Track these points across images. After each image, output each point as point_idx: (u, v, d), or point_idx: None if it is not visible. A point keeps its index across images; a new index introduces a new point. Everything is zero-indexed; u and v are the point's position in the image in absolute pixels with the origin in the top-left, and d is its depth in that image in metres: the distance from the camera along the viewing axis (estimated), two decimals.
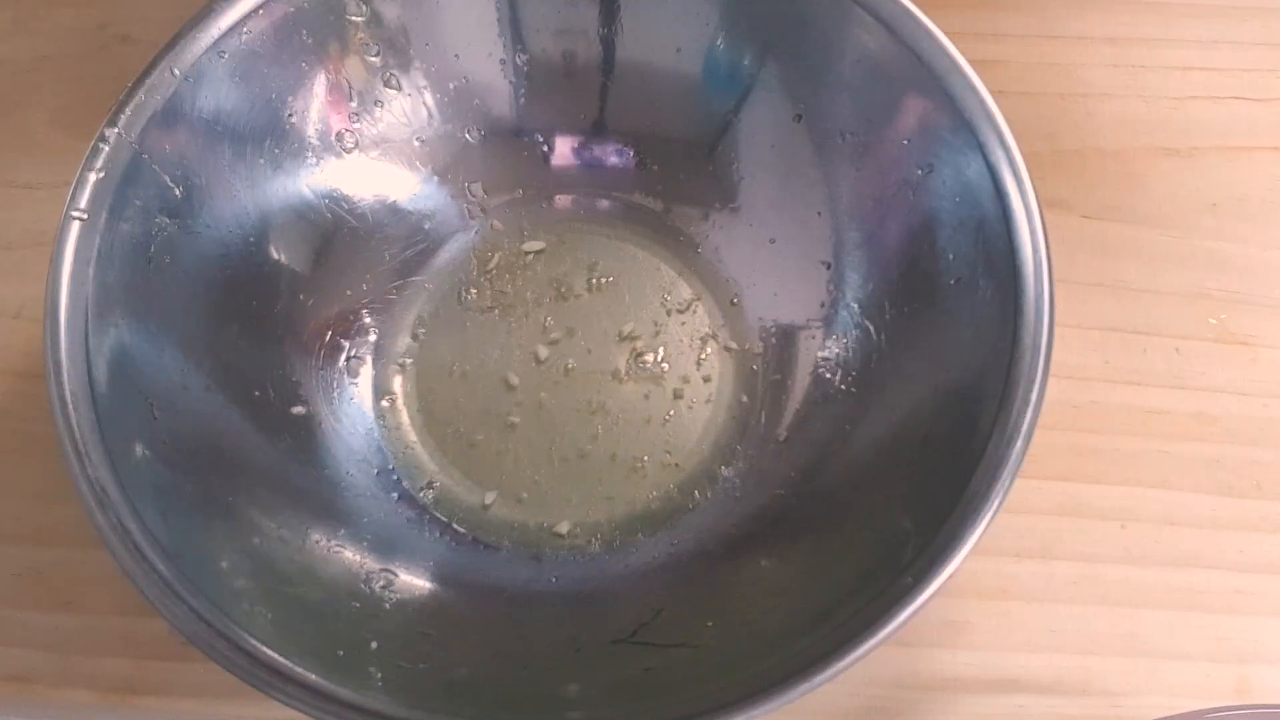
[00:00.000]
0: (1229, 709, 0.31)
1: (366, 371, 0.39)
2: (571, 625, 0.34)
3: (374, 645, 0.31)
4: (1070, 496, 0.38)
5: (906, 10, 0.34)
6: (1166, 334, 0.40)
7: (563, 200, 0.42)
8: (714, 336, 0.40)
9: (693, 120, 0.40)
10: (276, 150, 0.37)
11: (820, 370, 0.38)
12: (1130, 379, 0.39)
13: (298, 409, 0.37)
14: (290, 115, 0.37)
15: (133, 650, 0.36)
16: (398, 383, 0.40)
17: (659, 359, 0.40)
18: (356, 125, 0.38)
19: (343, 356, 0.39)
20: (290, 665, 0.28)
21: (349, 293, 0.40)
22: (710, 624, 0.32)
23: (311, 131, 0.37)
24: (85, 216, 0.32)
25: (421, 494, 0.38)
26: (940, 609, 0.34)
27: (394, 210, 0.40)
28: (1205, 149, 0.43)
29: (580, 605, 0.36)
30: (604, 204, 0.42)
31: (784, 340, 0.40)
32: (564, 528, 0.37)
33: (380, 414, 0.39)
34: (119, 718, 0.35)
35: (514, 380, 0.39)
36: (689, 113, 0.40)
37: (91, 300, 0.31)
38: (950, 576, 0.29)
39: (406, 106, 0.39)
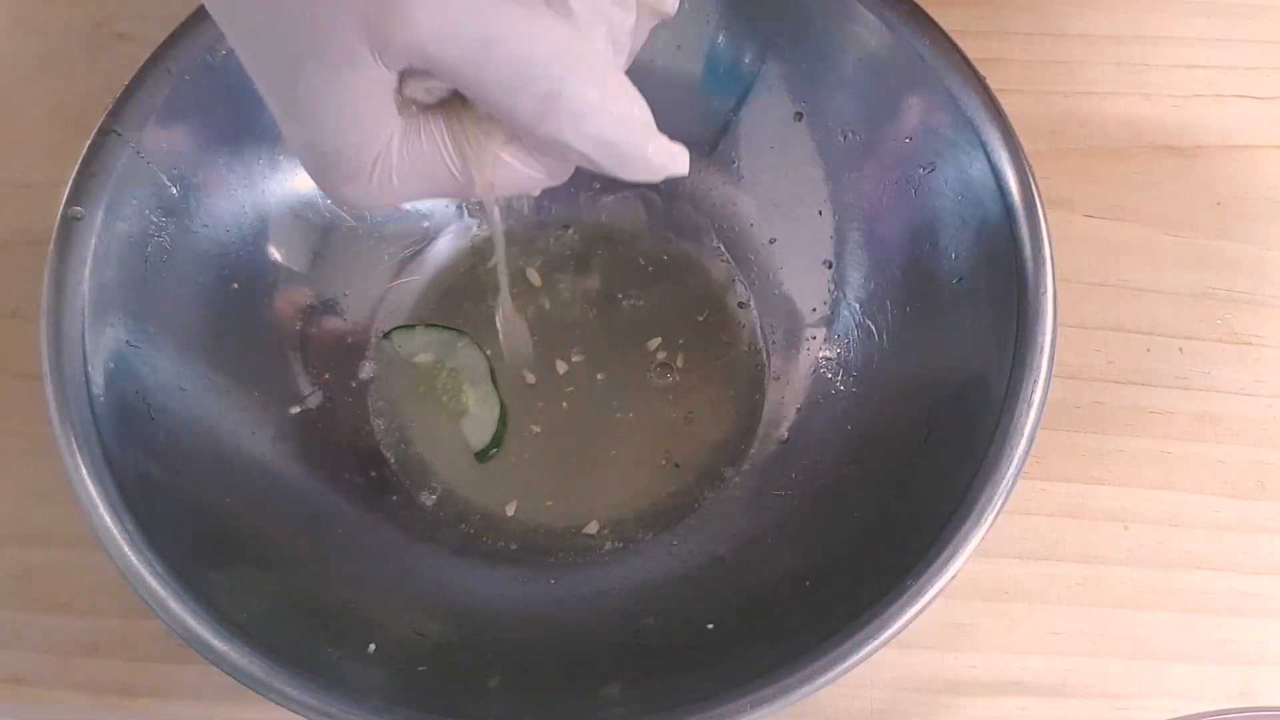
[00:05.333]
0: (1233, 712, 0.31)
1: (365, 371, 0.39)
2: (571, 627, 0.34)
3: (372, 648, 0.31)
4: (1073, 497, 0.38)
5: (908, 8, 0.34)
6: (1170, 334, 0.40)
7: (562, 199, 0.42)
8: (723, 340, 0.40)
9: (693, 119, 0.40)
10: (274, 149, 0.36)
11: (822, 370, 0.38)
12: (1133, 379, 0.39)
13: (295, 409, 0.37)
14: None
15: (129, 652, 0.35)
16: (397, 383, 0.39)
17: (668, 363, 0.40)
18: None
19: (342, 356, 0.39)
20: (287, 668, 0.28)
21: (347, 292, 0.39)
22: (710, 625, 0.32)
23: None
24: (82, 215, 0.32)
25: (422, 497, 0.38)
26: (942, 611, 0.34)
27: (392, 209, 0.40)
28: (1209, 148, 0.42)
29: (580, 607, 0.35)
30: (604, 203, 0.42)
31: (786, 340, 0.39)
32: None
33: (379, 414, 0.39)
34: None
35: (518, 384, 0.39)
36: (689, 111, 0.39)
37: (88, 300, 0.31)
38: (952, 578, 0.29)
39: None
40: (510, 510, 0.37)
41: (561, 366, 0.39)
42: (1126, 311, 0.40)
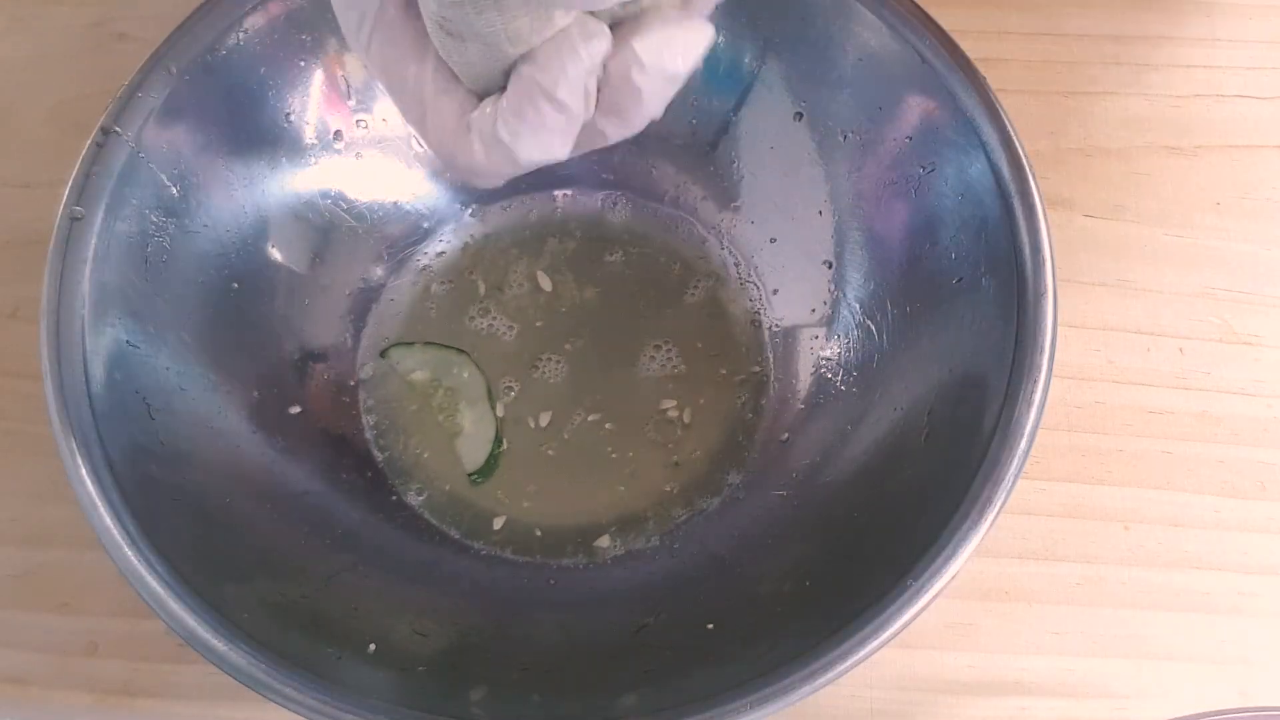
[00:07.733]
0: (1233, 712, 0.31)
1: (365, 372, 0.39)
2: (571, 627, 0.34)
3: (372, 648, 0.31)
4: (1073, 497, 0.38)
5: (908, 8, 0.34)
6: (1170, 334, 0.40)
7: (562, 198, 0.42)
8: (724, 342, 0.40)
9: (693, 119, 0.40)
10: (274, 149, 0.36)
11: (822, 370, 0.38)
12: (1134, 379, 0.39)
13: (295, 409, 0.37)
14: (288, 114, 0.36)
15: (130, 652, 0.35)
16: (396, 384, 0.39)
17: (669, 364, 0.40)
18: (355, 124, 0.38)
19: (341, 356, 0.39)
20: (287, 668, 0.28)
21: (346, 292, 0.39)
22: (710, 626, 0.32)
23: (309, 130, 0.37)
24: (82, 215, 0.32)
25: (418, 498, 0.38)
26: (943, 611, 0.34)
27: (392, 209, 0.40)
28: (1209, 147, 0.42)
29: (581, 608, 0.35)
30: (604, 203, 0.42)
31: (786, 340, 0.39)
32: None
33: (376, 414, 0.39)
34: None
35: (514, 389, 0.39)
36: (689, 111, 0.39)
37: (88, 300, 0.31)
38: (952, 578, 0.29)
39: None
40: (498, 524, 0.37)
41: (556, 373, 0.39)
42: (1127, 311, 0.40)
